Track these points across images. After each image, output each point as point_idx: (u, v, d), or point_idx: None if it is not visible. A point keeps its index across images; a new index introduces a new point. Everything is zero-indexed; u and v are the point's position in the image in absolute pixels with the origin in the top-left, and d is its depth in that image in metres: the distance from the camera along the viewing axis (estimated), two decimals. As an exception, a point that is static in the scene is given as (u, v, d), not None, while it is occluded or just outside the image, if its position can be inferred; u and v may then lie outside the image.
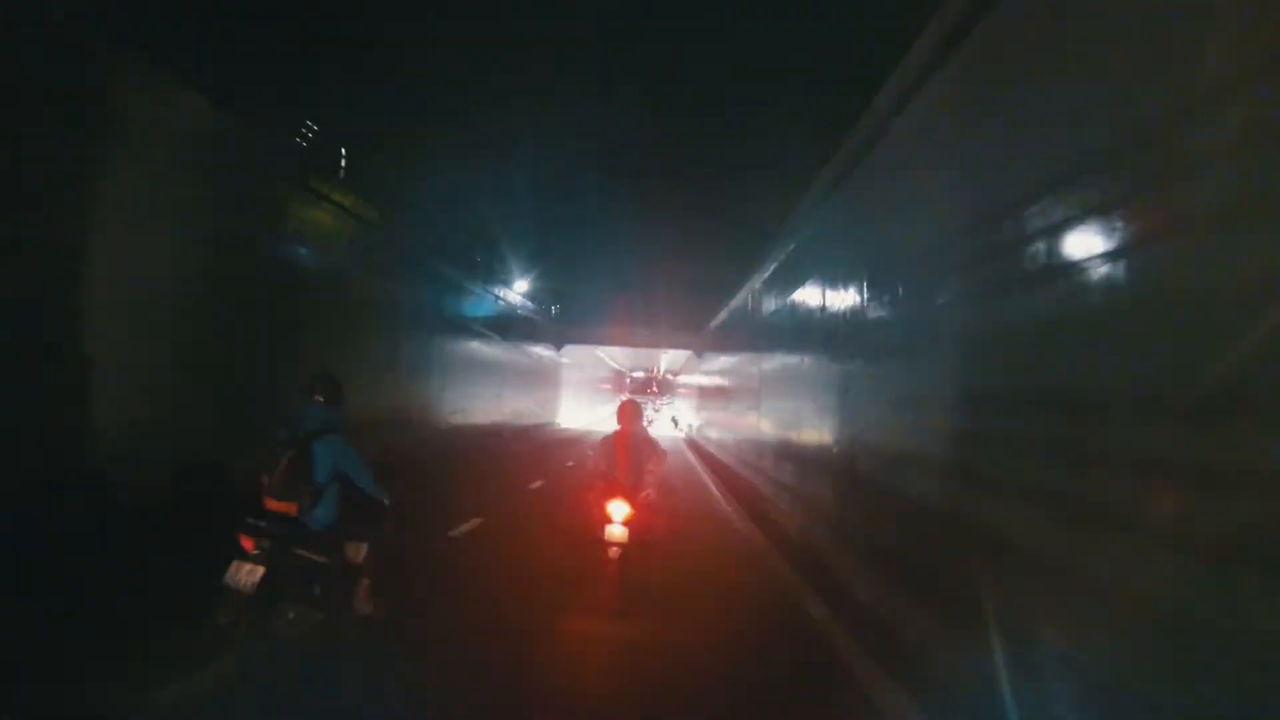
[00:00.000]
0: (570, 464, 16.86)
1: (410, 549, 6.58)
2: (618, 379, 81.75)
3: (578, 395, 50.90)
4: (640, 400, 7.90)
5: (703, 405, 32.28)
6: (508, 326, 26.91)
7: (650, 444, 6.28)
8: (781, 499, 11.23)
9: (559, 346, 36.83)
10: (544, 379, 36.02)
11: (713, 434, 25.85)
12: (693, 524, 9.93)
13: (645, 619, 5.50)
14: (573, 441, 28.73)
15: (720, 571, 7.69)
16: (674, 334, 34.33)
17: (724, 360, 24.50)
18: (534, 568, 7.19)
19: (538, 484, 14.67)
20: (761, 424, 14.19)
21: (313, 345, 12.62)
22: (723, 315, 25.06)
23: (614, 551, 5.79)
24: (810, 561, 7.69)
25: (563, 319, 34.94)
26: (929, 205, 5.86)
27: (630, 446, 6.13)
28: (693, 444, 29.24)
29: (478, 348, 23.92)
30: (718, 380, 26.34)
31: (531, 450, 23.61)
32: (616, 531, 5.77)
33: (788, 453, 11.19)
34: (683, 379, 52.36)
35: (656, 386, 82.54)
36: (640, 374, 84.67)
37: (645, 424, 6.89)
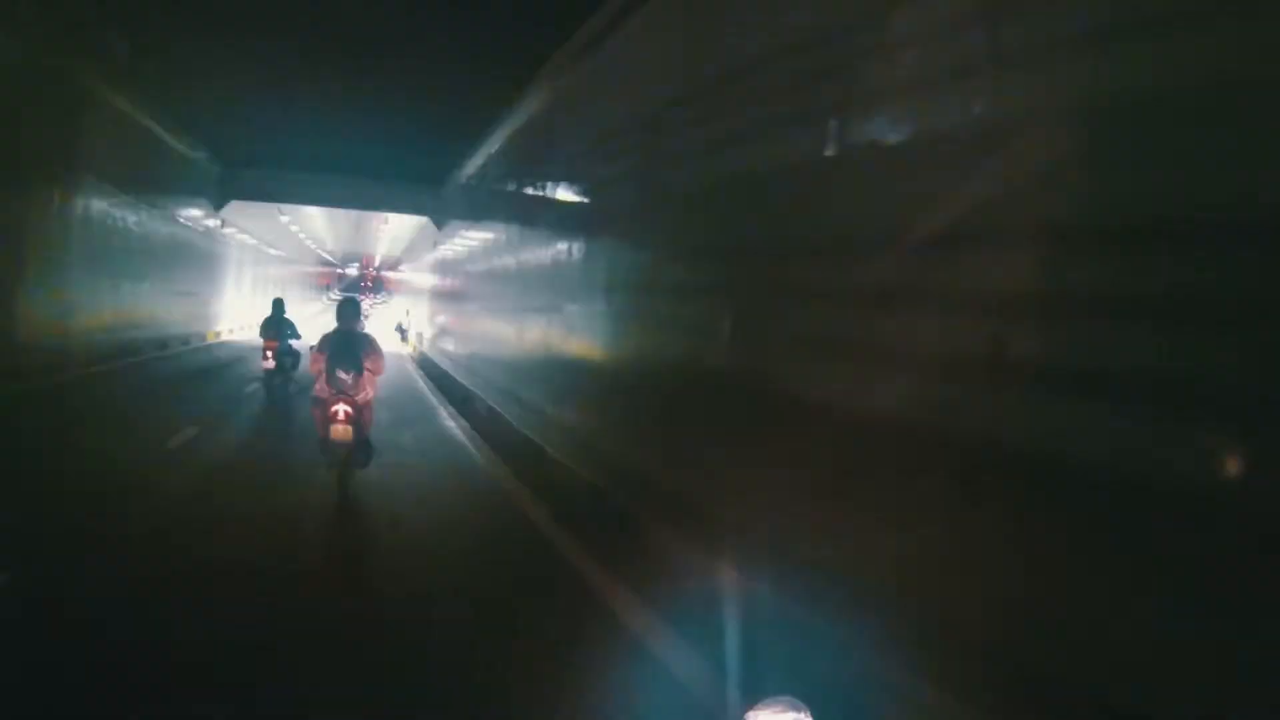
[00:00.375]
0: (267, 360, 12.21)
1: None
2: (325, 275, 69.99)
3: (258, 290, 34.33)
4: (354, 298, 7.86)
5: (444, 304, 22.78)
6: (107, 160, 15.32)
7: (369, 342, 6.49)
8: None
9: (219, 205, 23.44)
10: (184, 262, 21.63)
11: (463, 351, 17.54)
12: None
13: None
14: (225, 367, 17.41)
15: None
16: (400, 192, 23.37)
17: (477, 236, 16.71)
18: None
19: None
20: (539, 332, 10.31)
21: None
22: (473, 168, 17.45)
23: (339, 451, 6.18)
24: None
25: (226, 161, 22.12)
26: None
27: (350, 346, 6.30)
28: (430, 369, 18.97)
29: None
30: (467, 268, 17.99)
31: (111, 397, 12.46)
32: (340, 430, 6.11)
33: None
34: (409, 269, 40.70)
35: (371, 282, 73.54)
36: (354, 269, 73.96)
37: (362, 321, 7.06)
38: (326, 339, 6.31)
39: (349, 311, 6.49)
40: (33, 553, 4.53)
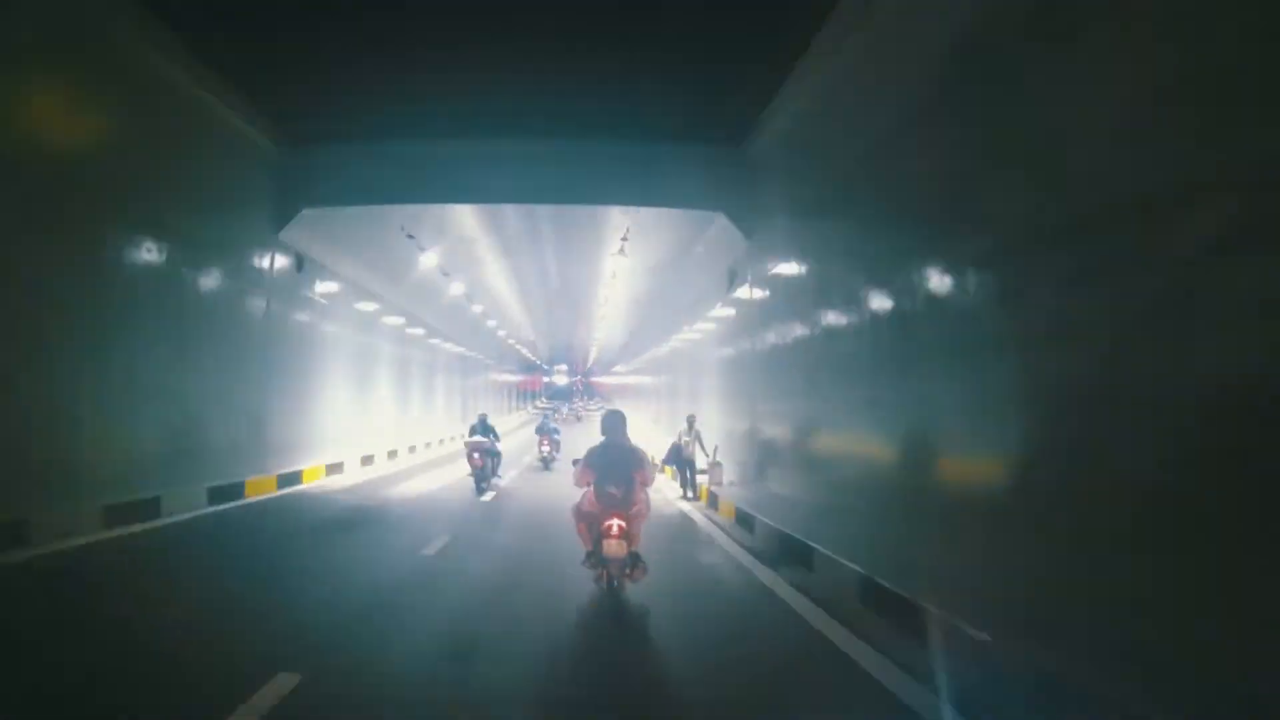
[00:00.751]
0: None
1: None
2: (528, 381, 58.58)
3: (411, 399, 21.88)
4: (558, 407, 14.78)
5: (785, 398, 10.21)
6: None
7: (638, 455, 6.34)
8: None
9: (281, 220, 12.28)
10: (205, 331, 10.55)
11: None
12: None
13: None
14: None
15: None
16: (652, 165, 11.43)
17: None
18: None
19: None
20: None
21: None
22: (826, 85, 7.63)
23: (613, 568, 5.96)
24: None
25: (293, 135, 11.76)
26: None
27: (618, 459, 6.24)
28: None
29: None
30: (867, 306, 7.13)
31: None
32: (614, 546, 5.89)
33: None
34: (667, 348, 25.61)
35: (581, 386, 63.99)
36: (563, 373, 62.82)
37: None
38: (594, 453, 6.34)
39: (614, 423, 6.50)
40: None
